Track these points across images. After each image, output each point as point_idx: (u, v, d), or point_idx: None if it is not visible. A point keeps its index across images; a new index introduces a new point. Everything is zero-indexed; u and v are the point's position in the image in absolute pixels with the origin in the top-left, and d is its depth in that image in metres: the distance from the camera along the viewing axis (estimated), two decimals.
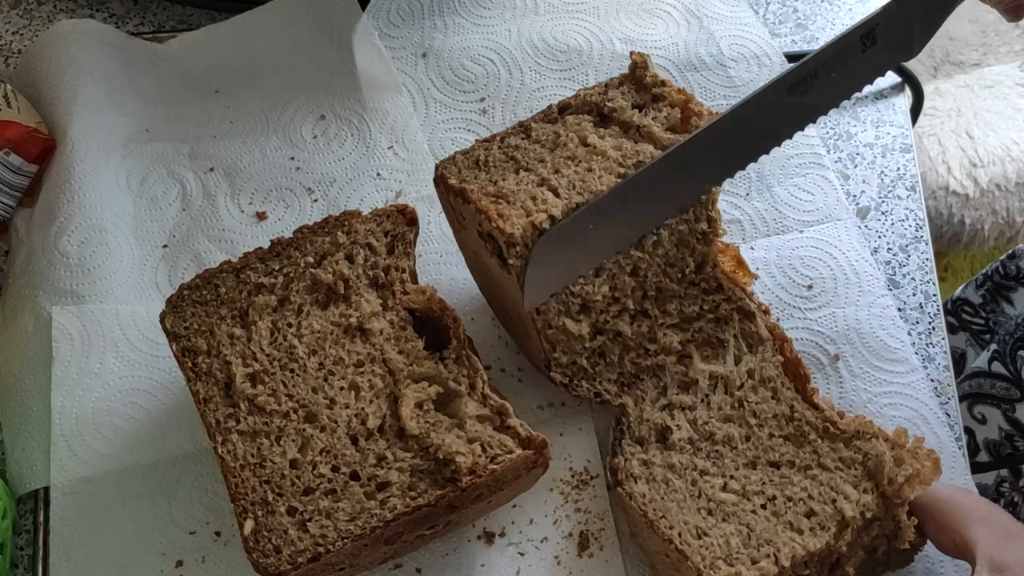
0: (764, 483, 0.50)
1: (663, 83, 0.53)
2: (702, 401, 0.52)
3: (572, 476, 0.55)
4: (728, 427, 0.51)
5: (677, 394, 0.52)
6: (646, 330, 0.52)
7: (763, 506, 0.49)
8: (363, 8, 0.69)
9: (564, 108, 0.53)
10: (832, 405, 0.53)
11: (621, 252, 0.50)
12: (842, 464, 0.50)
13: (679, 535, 0.47)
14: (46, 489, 0.54)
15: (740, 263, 0.55)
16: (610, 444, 0.52)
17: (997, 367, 0.78)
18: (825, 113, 0.50)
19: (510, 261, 0.47)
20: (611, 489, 0.53)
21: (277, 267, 0.50)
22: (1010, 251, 0.92)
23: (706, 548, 0.47)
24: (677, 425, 0.51)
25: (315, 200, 0.63)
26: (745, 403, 0.52)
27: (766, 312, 0.55)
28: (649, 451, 0.51)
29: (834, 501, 0.48)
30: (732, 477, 0.50)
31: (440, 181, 0.51)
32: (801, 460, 0.50)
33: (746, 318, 0.54)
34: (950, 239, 1.08)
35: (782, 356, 0.53)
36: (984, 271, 0.91)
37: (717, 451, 0.51)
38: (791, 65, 0.50)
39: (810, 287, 0.60)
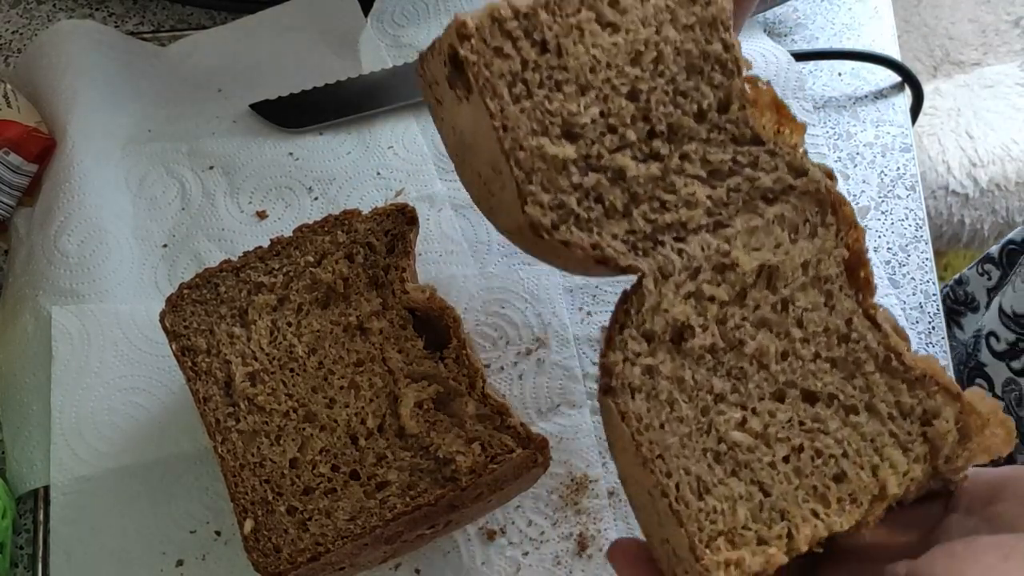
0: (792, 424, 0.39)
1: None
2: (738, 294, 0.40)
3: (572, 480, 0.54)
4: (763, 336, 0.40)
5: (710, 281, 0.40)
6: (659, 173, 0.41)
7: (785, 459, 0.38)
8: (365, 13, 0.70)
9: None
10: (896, 325, 0.41)
11: (612, 67, 0.41)
12: (898, 412, 0.39)
13: (676, 487, 0.37)
14: (46, 488, 0.54)
15: (781, 110, 0.43)
16: (607, 332, 0.39)
17: None
18: None
19: (462, 53, 0.39)
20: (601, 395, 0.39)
21: (277, 266, 0.50)
22: (956, 276, 0.93)
23: (706, 515, 0.37)
24: (703, 325, 0.39)
25: (315, 199, 0.63)
26: (791, 306, 0.40)
27: (831, 177, 0.42)
28: (658, 354, 0.39)
29: (875, 469, 0.38)
30: (754, 410, 0.39)
31: (420, 60, 0.45)
32: (846, 396, 0.39)
33: (802, 179, 0.42)
34: (950, 239, 1.08)
35: (847, 250, 0.41)
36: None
37: (742, 369, 0.39)
38: None
39: None
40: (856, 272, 0.41)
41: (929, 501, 0.39)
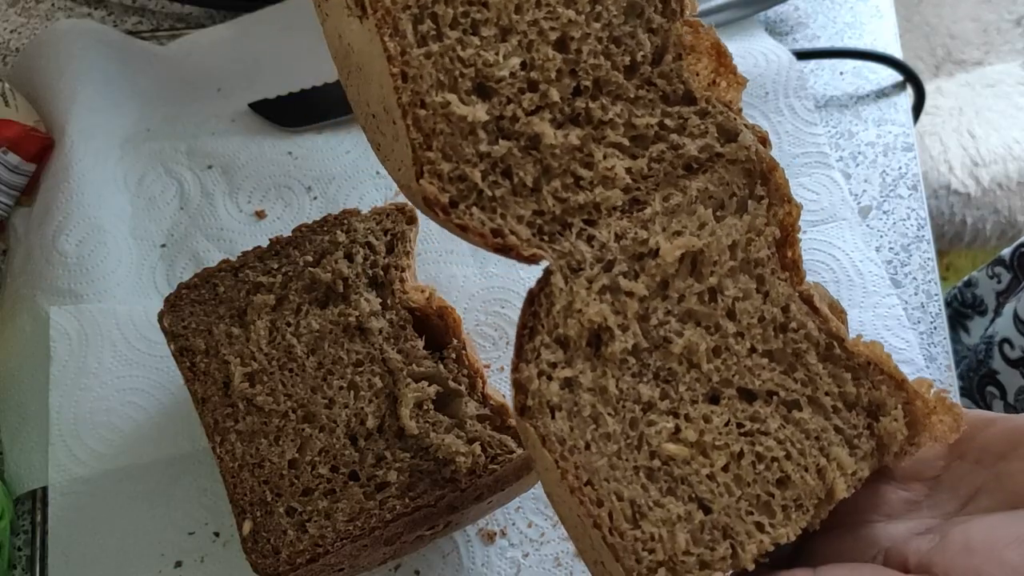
0: (729, 428, 0.34)
1: None
2: (660, 285, 0.35)
3: None
4: (691, 332, 0.35)
5: (626, 273, 0.35)
6: (577, 142, 0.35)
7: (724, 467, 0.34)
8: None
9: None
10: (834, 303, 0.38)
11: (542, 5, 0.34)
12: (842, 404, 0.35)
13: (609, 516, 0.32)
14: (44, 489, 0.54)
15: (722, 58, 0.37)
16: (516, 341, 0.34)
17: (967, 403, 0.78)
18: None
19: None
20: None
21: (276, 266, 0.50)
22: (966, 278, 0.93)
23: (643, 544, 0.32)
24: (622, 325, 0.34)
25: (314, 198, 0.63)
26: (720, 295, 0.35)
27: (764, 142, 0.37)
28: (575, 363, 0.34)
29: (821, 470, 0.35)
30: (687, 416, 0.34)
31: None
32: (787, 392, 0.35)
33: (731, 145, 0.37)
34: (952, 238, 1.08)
35: (778, 228, 0.36)
36: (945, 297, 0.92)
37: (670, 370, 0.35)
38: None
39: None
40: (783, 252, 0.37)
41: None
